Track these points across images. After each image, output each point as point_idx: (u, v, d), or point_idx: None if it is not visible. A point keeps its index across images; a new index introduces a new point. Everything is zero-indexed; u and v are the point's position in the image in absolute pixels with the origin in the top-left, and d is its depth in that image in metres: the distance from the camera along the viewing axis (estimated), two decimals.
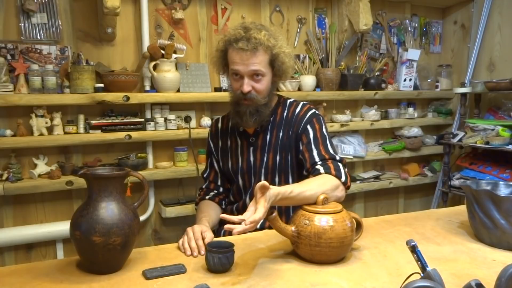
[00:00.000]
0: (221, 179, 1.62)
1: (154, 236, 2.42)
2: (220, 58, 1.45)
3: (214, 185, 1.62)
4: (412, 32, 3.10)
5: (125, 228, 1.02)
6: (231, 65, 1.39)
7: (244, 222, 0.98)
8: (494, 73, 2.84)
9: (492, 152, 2.66)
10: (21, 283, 0.98)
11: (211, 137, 1.64)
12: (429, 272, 0.76)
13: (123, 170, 1.07)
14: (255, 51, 1.34)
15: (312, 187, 1.19)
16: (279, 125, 1.48)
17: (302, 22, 2.72)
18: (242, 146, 1.53)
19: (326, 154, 1.37)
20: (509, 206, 1.13)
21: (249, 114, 1.39)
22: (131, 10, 2.25)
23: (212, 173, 1.63)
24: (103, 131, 2.10)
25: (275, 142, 1.47)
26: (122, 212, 1.03)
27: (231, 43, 1.36)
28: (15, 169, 1.98)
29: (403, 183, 2.93)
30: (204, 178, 1.65)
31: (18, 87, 1.96)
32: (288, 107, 1.51)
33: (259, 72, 1.36)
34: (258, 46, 1.33)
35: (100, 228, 0.99)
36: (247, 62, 1.34)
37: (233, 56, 1.37)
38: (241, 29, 1.36)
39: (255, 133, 1.50)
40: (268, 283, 0.97)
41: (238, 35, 1.35)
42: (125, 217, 1.03)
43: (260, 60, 1.35)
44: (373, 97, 2.78)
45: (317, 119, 1.46)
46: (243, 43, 1.33)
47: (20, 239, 2.01)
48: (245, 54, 1.34)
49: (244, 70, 1.36)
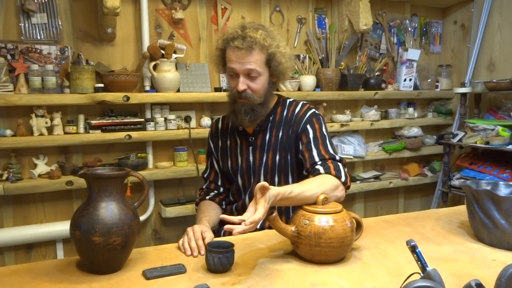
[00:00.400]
0: (221, 179, 1.62)
1: (154, 236, 2.42)
2: (219, 57, 1.45)
3: (215, 185, 1.62)
4: (412, 32, 3.10)
5: (125, 228, 1.02)
6: (227, 64, 1.40)
7: (244, 222, 0.98)
8: (494, 73, 2.84)
9: (492, 152, 2.66)
10: (21, 283, 0.98)
11: (211, 137, 1.64)
12: (429, 272, 0.76)
13: (123, 170, 1.07)
14: (250, 50, 1.34)
15: (312, 187, 1.19)
16: (279, 125, 1.48)
17: (302, 22, 2.72)
18: (242, 145, 1.53)
19: (326, 154, 1.37)
20: (509, 206, 1.13)
21: (244, 113, 1.40)
22: (131, 10, 2.25)
23: (212, 173, 1.63)
24: (103, 131, 2.10)
25: (275, 141, 1.47)
26: (122, 212, 1.03)
27: (228, 42, 1.38)
28: (15, 169, 1.98)
29: (403, 183, 2.93)
30: (205, 178, 1.66)
31: (18, 87, 1.96)
32: (287, 106, 1.51)
33: (254, 71, 1.37)
34: (254, 45, 1.34)
35: (100, 228, 0.99)
36: (242, 60, 1.35)
37: (229, 55, 1.38)
38: (239, 28, 1.38)
39: (254, 132, 1.50)
40: (268, 283, 0.97)
41: (235, 33, 1.36)
42: (125, 217, 1.03)
43: (255, 59, 1.35)
44: (373, 97, 2.78)
45: (317, 119, 1.46)
46: (239, 42, 1.34)
47: (20, 239, 2.01)
48: (240, 53, 1.34)
49: (239, 68, 1.36)
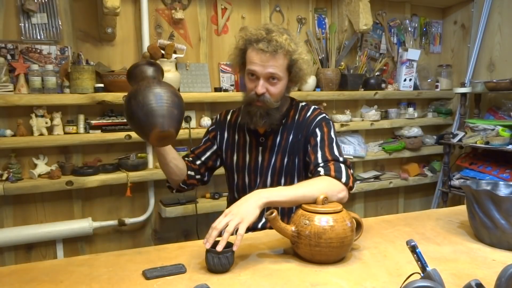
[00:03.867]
0: (203, 161, 1.57)
1: (154, 236, 2.42)
2: (238, 56, 1.43)
3: (194, 156, 1.58)
4: (412, 32, 3.10)
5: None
6: (248, 65, 1.37)
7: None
8: (494, 73, 2.84)
9: (492, 152, 2.66)
10: (21, 283, 0.98)
11: (217, 124, 1.60)
12: (429, 272, 0.76)
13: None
14: (274, 54, 1.32)
15: (306, 189, 1.20)
16: (290, 128, 1.48)
17: (302, 22, 2.72)
18: (251, 144, 1.52)
19: (330, 156, 1.36)
20: (509, 206, 1.13)
21: (259, 116, 1.38)
22: (131, 10, 2.25)
23: (200, 149, 1.59)
24: (103, 131, 2.11)
25: (285, 144, 1.47)
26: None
27: (252, 43, 1.35)
28: (15, 169, 1.98)
29: (403, 183, 2.93)
30: (191, 150, 1.62)
31: (18, 87, 1.96)
32: (299, 110, 1.51)
33: (276, 76, 1.35)
34: (279, 49, 1.32)
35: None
36: (265, 64, 1.33)
37: (252, 56, 1.36)
38: (264, 30, 1.35)
39: (265, 133, 1.49)
40: (268, 283, 0.97)
41: (259, 35, 1.34)
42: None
43: (279, 63, 1.34)
44: (373, 97, 2.78)
45: (326, 123, 1.46)
46: (264, 44, 1.32)
47: (20, 239, 2.01)
48: (264, 56, 1.32)
49: (261, 71, 1.34)
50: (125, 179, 2.12)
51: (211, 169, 1.62)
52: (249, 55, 1.37)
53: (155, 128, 1.15)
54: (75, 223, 2.11)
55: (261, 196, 1.15)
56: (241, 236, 1.05)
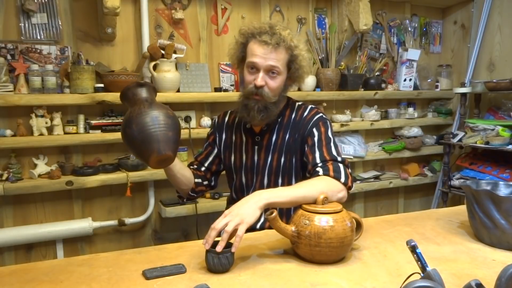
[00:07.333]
0: (207, 168, 1.59)
1: (154, 236, 2.42)
2: (237, 50, 1.44)
3: (198, 163, 1.60)
4: (412, 32, 3.10)
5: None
6: (249, 58, 1.38)
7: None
8: (494, 73, 2.84)
9: (492, 152, 2.66)
10: (21, 283, 0.98)
11: (216, 127, 1.61)
12: (429, 272, 0.76)
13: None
14: (276, 47, 1.34)
15: (305, 190, 1.20)
16: (286, 127, 1.48)
17: (302, 22, 2.72)
18: (247, 143, 1.52)
19: (328, 156, 1.37)
20: (509, 206, 1.13)
21: (257, 110, 1.38)
22: (131, 10, 2.25)
23: (202, 155, 1.61)
24: (103, 131, 2.11)
25: (281, 143, 1.47)
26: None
27: (254, 35, 1.37)
28: (15, 169, 1.98)
29: (403, 183, 2.93)
30: (194, 157, 1.65)
31: (18, 87, 1.96)
32: (296, 110, 1.51)
33: (276, 69, 1.36)
34: (281, 42, 1.34)
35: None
36: (266, 56, 1.34)
37: (254, 49, 1.37)
38: (267, 24, 1.38)
39: (261, 132, 1.49)
40: (268, 283, 0.97)
41: (262, 28, 1.36)
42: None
43: (280, 57, 1.36)
44: (373, 97, 2.78)
45: (324, 123, 1.46)
46: (267, 37, 1.34)
47: (20, 239, 2.01)
48: (267, 48, 1.34)
49: (262, 63, 1.35)
50: (125, 179, 2.12)
51: (216, 173, 1.62)
52: (250, 48, 1.38)
53: (153, 154, 1.18)
54: (75, 223, 2.11)
55: (261, 197, 1.14)
56: (240, 238, 1.05)
